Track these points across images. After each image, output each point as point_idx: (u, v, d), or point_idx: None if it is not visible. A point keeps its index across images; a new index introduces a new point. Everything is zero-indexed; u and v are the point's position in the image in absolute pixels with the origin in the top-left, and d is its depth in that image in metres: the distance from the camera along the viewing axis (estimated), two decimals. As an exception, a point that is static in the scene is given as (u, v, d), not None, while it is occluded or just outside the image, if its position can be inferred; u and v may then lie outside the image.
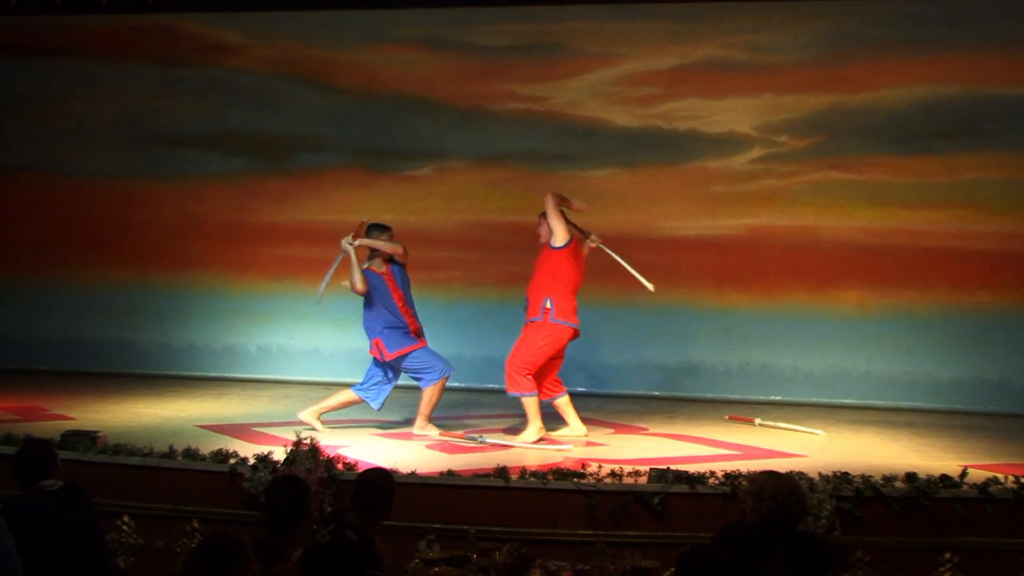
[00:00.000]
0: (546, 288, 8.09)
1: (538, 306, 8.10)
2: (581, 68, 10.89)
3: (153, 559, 6.64)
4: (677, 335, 10.64)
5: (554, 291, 8.07)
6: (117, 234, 11.57)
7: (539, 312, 8.08)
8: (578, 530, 6.24)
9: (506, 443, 7.98)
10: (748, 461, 7.18)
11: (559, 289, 8.08)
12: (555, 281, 8.09)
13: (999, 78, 10.08)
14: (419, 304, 11.07)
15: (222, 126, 11.55)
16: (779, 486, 4.78)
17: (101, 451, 6.95)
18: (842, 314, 10.35)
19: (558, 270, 8.11)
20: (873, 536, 6.24)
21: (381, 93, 11.22)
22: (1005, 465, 7.11)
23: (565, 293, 8.11)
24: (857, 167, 10.40)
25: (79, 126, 11.76)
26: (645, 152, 10.79)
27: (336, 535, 4.83)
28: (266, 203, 11.33)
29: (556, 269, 8.12)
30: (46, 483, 4.96)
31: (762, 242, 10.54)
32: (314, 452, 6.56)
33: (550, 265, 8.14)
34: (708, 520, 6.08)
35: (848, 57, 10.39)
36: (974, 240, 10.13)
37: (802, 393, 10.27)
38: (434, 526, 6.15)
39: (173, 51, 11.60)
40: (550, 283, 8.10)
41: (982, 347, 10.03)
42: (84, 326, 11.48)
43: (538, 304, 8.10)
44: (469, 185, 11.10)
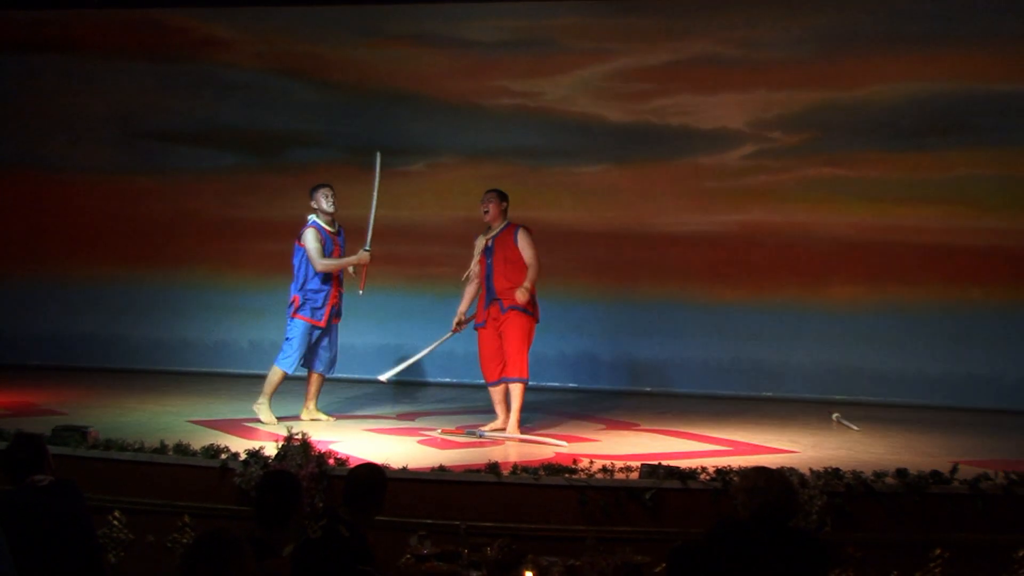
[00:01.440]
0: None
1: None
2: (573, 64, 10.89)
3: (144, 554, 6.62)
4: (669, 331, 10.64)
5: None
6: (109, 229, 11.55)
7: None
8: (570, 525, 6.24)
9: (510, 437, 7.99)
10: (739, 457, 7.18)
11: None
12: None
13: (991, 74, 10.09)
14: (411, 299, 11.14)
15: (214, 122, 11.53)
16: (770, 482, 4.78)
17: (92, 446, 6.94)
18: (834, 310, 10.36)
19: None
20: (864, 532, 6.24)
21: (373, 89, 11.21)
22: (996, 461, 7.12)
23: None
24: (849, 163, 10.41)
25: (70, 122, 11.73)
26: (637, 148, 10.80)
27: (327, 530, 4.82)
28: (258, 199, 11.32)
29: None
30: (37, 478, 4.94)
31: (754, 238, 10.54)
32: (305, 448, 6.56)
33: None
34: (699, 516, 6.09)
35: (841, 53, 10.39)
36: (966, 236, 10.14)
37: (793, 389, 10.28)
38: (425, 521, 6.13)
39: (165, 46, 11.57)
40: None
41: (973, 343, 10.04)
42: (76, 321, 11.45)
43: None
44: (461, 181, 11.08)
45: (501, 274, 8.18)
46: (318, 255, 8.39)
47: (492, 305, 8.21)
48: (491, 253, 8.26)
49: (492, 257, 8.25)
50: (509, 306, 8.12)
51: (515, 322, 8.13)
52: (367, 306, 11.04)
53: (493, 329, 8.22)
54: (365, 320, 11.04)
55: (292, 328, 8.49)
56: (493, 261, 8.24)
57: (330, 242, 8.51)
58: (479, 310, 8.32)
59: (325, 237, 8.47)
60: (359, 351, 11.06)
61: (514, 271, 8.16)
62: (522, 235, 8.24)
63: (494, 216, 8.33)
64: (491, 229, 8.35)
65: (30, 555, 4.73)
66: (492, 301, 8.21)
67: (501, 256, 8.22)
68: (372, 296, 11.06)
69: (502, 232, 8.31)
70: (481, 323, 8.29)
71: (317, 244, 8.40)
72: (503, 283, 8.16)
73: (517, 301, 8.06)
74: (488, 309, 8.24)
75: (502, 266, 8.20)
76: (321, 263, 8.40)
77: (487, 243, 8.31)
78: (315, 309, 8.48)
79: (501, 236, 8.29)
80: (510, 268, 8.17)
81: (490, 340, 8.25)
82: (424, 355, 8.83)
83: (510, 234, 8.27)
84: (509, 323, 8.14)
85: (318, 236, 8.43)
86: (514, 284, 8.10)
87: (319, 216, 8.52)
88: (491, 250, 8.27)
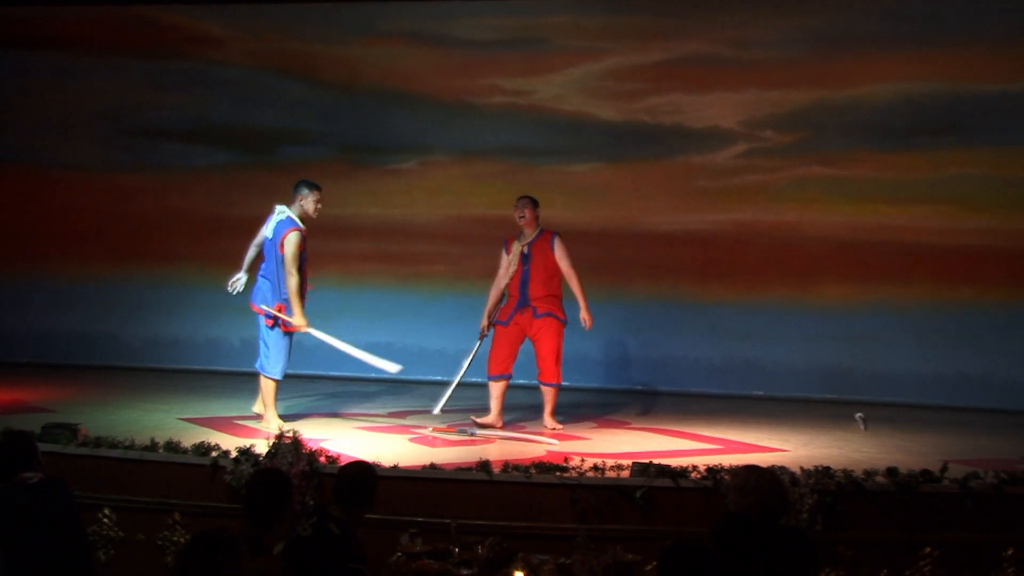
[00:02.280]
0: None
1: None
2: (566, 62, 10.89)
3: (134, 552, 6.61)
4: (661, 329, 10.65)
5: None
6: (100, 227, 11.52)
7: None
8: (561, 524, 6.23)
9: (501, 435, 8.00)
10: (730, 455, 7.19)
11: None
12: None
13: (982, 75, 10.11)
14: (403, 297, 11.13)
15: (206, 119, 11.51)
16: (761, 480, 4.78)
17: (82, 443, 6.93)
18: (825, 309, 10.38)
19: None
20: (855, 531, 6.26)
21: (365, 87, 11.20)
22: (986, 460, 7.14)
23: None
24: (841, 163, 10.43)
25: (62, 119, 11.70)
26: (630, 147, 10.80)
27: (318, 528, 4.82)
28: (250, 196, 11.25)
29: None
30: (26, 475, 4.93)
31: (746, 237, 10.55)
32: (296, 445, 6.55)
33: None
34: (690, 514, 6.10)
35: (833, 53, 10.41)
36: (957, 236, 10.16)
37: (785, 388, 10.29)
38: (416, 519, 6.12)
39: (157, 43, 11.55)
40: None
41: (964, 342, 10.07)
42: (66, 319, 11.43)
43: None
44: (453, 179, 11.09)
45: (539, 281, 8.34)
46: (295, 262, 7.88)
47: (524, 310, 8.36)
48: (528, 259, 8.39)
49: (530, 264, 8.38)
50: (544, 312, 8.29)
51: (553, 328, 8.34)
52: (358, 304, 11.09)
53: (516, 330, 8.39)
54: (356, 318, 11.05)
55: (274, 335, 8.01)
56: (531, 268, 8.37)
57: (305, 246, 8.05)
58: (507, 309, 8.44)
59: (303, 242, 7.96)
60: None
61: (550, 278, 8.36)
62: (559, 244, 8.40)
63: (530, 222, 8.45)
64: (525, 235, 8.47)
65: (20, 553, 4.72)
66: (525, 307, 8.35)
67: (540, 263, 8.37)
68: (363, 294, 11.12)
69: (538, 238, 8.45)
70: (504, 321, 8.42)
71: (297, 251, 7.88)
72: (539, 290, 8.33)
73: (586, 324, 8.35)
74: (518, 314, 8.37)
75: (541, 273, 8.35)
76: (295, 275, 7.87)
77: (523, 249, 8.41)
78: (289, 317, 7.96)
79: (538, 242, 8.44)
80: (547, 276, 8.36)
81: (509, 338, 8.39)
82: (464, 372, 8.77)
83: (547, 241, 8.43)
84: (546, 329, 8.32)
85: (301, 242, 7.91)
86: (549, 291, 8.32)
87: (292, 212, 8.02)
88: (528, 256, 8.39)
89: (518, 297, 8.38)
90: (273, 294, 7.99)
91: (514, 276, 8.41)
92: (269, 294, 7.99)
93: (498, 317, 8.48)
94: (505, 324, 8.40)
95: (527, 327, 8.37)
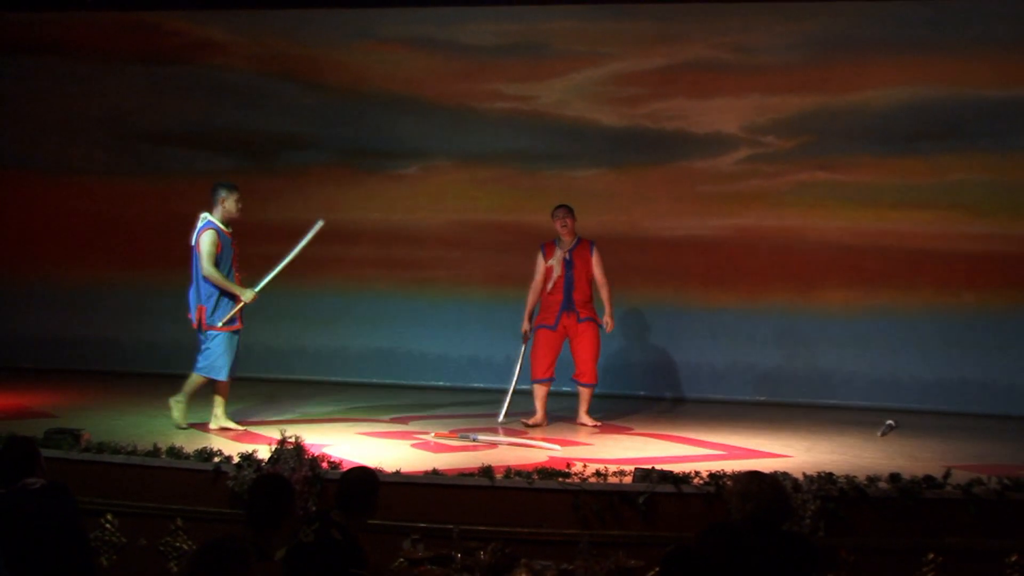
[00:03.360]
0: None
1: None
2: (568, 68, 10.89)
3: (137, 558, 6.62)
4: (663, 335, 10.65)
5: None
6: (102, 232, 11.52)
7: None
8: (563, 529, 6.23)
9: (503, 441, 8.01)
10: (733, 461, 7.18)
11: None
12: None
13: (984, 80, 10.10)
14: (405, 303, 11.13)
15: (208, 124, 11.51)
16: (763, 486, 4.79)
17: (85, 449, 6.93)
18: (828, 314, 10.37)
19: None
20: (857, 536, 6.25)
21: (368, 92, 11.20)
22: (989, 466, 7.12)
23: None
24: (843, 168, 10.42)
25: (64, 124, 11.70)
26: (632, 152, 10.80)
27: (320, 534, 4.82)
28: (252, 202, 11.12)
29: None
30: (29, 481, 4.94)
31: (749, 242, 10.55)
32: (299, 451, 6.55)
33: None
34: (693, 520, 6.09)
35: (834, 58, 10.41)
36: (959, 241, 10.15)
37: (788, 394, 10.28)
38: (419, 525, 6.14)
39: (159, 49, 11.56)
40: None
41: (967, 348, 10.05)
42: (69, 324, 11.42)
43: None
44: (455, 184, 11.09)
45: (582, 286, 8.85)
46: (211, 259, 8.04)
47: (569, 314, 8.82)
48: (571, 266, 8.86)
49: (573, 270, 8.85)
50: (586, 317, 8.81)
51: (593, 332, 8.85)
52: (360, 309, 11.09)
53: (562, 334, 8.85)
54: (358, 323, 11.06)
55: (212, 339, 8.15)
56: (574, 274, 8.85)
57: (229, 245, 8.19)
58: (549, 315, 8.86)
59: (223, 240, 8.14)
60: (352, 354, 11.08)
61: (590, 283, 8.89)
62: (596, 252, 8.92)
63: (573, 230, 8.90)
64: (565, 242, 8.91)
65: (22, 558, 4.73)
66: (570, 310, 8.82)
67: (582, 270, 8.87)
68: (365, 299, 11.12)
69: (578, 246, 8.91)
70: (552, 325, 8.82)
71: (213, 248, 8.05)
72: (583, 295, 8.84)
73: (608, 328, 8.86)
74: (563, 317, 8.82)
75: (584, 279, 8.86)
76: (210, 269, 8.03)
77: (565, 256, 8.85)
78: (233, 313, 8.12)
79: (578, 250, 8.90)
80: (588, 281, 8.88)
81: (554, 343, 8.86)
82: (518, 378, 9.08)
83: (587, 248, 8.92)
84: (586, 333, 8.83)
85: (215, 241, 8.06)
86: (588, 296, 8.86)
87: (214, 215, 8.18)
88: (571, 263, 8.86)
89: (562, 301, 8.82)
90: (194, 298, 8.20)
91: (558, 281, 8.84)
92: (192, 298, 8.22)
93: (545, 322, 8.86)
94: (554, 328, 8.83)
95: (569, 330, 8.83)
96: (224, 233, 8.17)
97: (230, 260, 8.21)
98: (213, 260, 8.08)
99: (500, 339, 10.31)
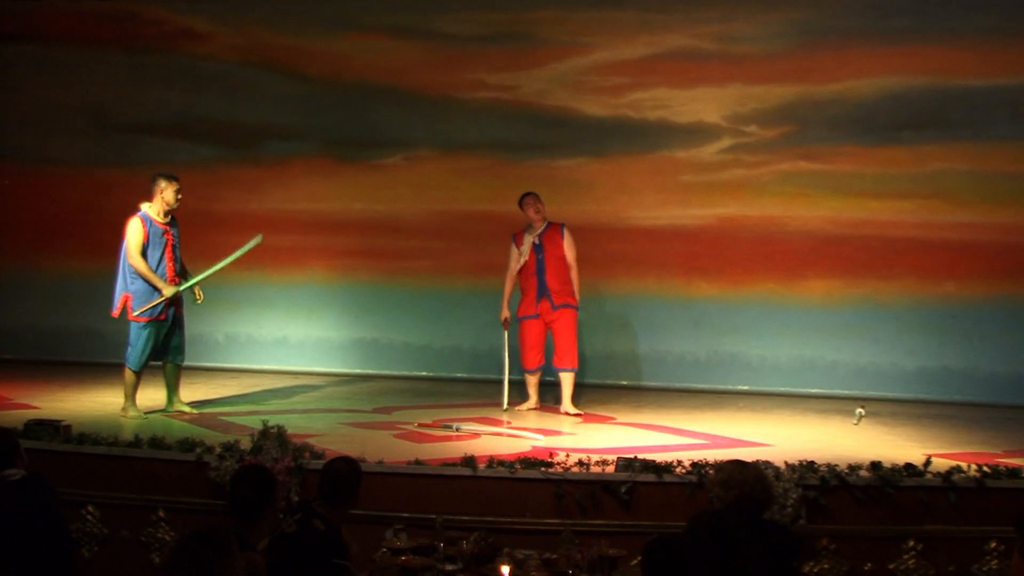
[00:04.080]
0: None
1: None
2: (550, 57, 10.87)
3: (118, 549, 6.60)
4: (645, 324, 10.66)
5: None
6: (82, 222, 11.44)
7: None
8: (545, 519, 6.25)
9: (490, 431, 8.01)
10: (715, 450, 7.20)
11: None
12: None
13: (966, 70, 10.12)
14: (388, 293, 11.11)
15: (189, 114, 11.45)
16: (745, 475, 4.80)
17: (65, 440, 6.90)
18: (810, 304, 10.39)
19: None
20: (838, 524, 6.28)
21: (349, 81, 11.16)
22: (968, 454, 7.18)
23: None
24: (825, 157, 10.43)
25: (43, 113, 11.63)
26: (614, 141, 10.79)
27: (302, 524, 4.81)
28: (234, 191, 11.25)
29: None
30: (8, 472, 4.91)
31: (731, 232, 10.56)
32: (281, 441, 6.55)
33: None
34: (675, 509, 6.11)
35: (817, 48, 10.41)
36: (940, 230, 10.18)
37: (770, 383, 10.31)
38: (401, 515, 6.13)
39: (139, 38, 11.48)
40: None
41: (948, 337, 10.09)
42: (49, 315, 11.37)
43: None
44: (438, 174, 11.06)
45: (553, 270, 8.88)
46: (136, 248, 8.13)
47: (543, 300, 8.89)
48: (541, 250, 8.89)
49: (543, 253, 8.91)
50: (561, 304, 8.83)
51: (569, 317, 8.91)
52: (343, 299, 11.07)
53: (542, 321, 8.92)
54: (341, 314, 11.04)
55: (133, 330, 8.27)
56: (545, 257, 8.89)
57: (160, 233, 8.25)
58: (528, 302, 8.93)
59: (151, 230, 8.19)
60: (335, 344, 11.06)
61: (562, 268, 8.91)
62: (568, 234, 8.97)
63: (540, 216, 8.95)
64: (535, 227, 8.93)
65: (1, 550, 4.70)
66: (543, 296, 8.89)
67: (552, 254, 8.90)
68: (348, 290, 11.10)
69: (548, 230, 8.97)
70: (534, 315, 8.89)
71: (138, 237, 8.14)
72: (555, 279, 8.86)
73: (572, 303, 8.88)
74: (539, 303, 8.89)
75: (554, 263, 8.89)
76: (136, 259, 8.15)
77: (535, 240, 8.87)
78: (151, 304, 8.22)
79: (548, 233, 8.96)
80: (560, 265, 8.91)
81: (538, 331, 8.95)
82: (508, 366, 9.11)
83: (557, 232, 8.98)
84: (563, 318, 8.89)
85: (140, 229, 8.15)
86: (562, 281, 8.87)
87: (152, 207, 8.24)
88: (540, 247, 8.89)
89: (536, 287, 8.86)
90: (119, 287, 8.30)
91: (527, 266, 8.88)
92: (117, 287, 8.32)
93: (527, 312, 8.93)
94: (536, 318, 8.91)
95: (546, 316, 8.90)
96: (155, 223, 8.21)
97: (160, 250, 8.25)
98: (139, 249, 8.15)
99: (483, 329, 10.32)
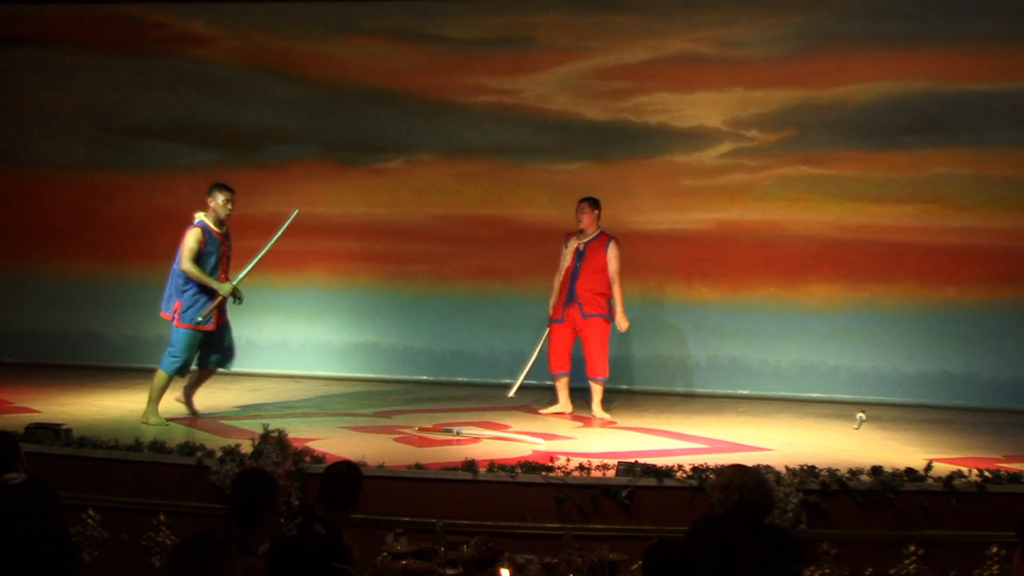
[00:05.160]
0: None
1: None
2: (551, 61, 10.88)
3: (119, 553, 6.59)
4: (646, 329, 10.64)
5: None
6: (84, 226, 11.47)
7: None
8: (546, 523, 6.24)
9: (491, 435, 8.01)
10: (716, 455, 7.19)
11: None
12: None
13: (967, 74, 10.14)
14: (388, 297, 11.11)
15: (190, 118, 11.47)
16: (745, 479, 4.80)
17: (66, 443, 6.90)
18: (810, 308, 10.40)
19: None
20: (839, 529, 6.28)
21: (350, 85, 11.17)
22: (969, 459, 7.17)
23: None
24: (826, 162, 10.44)
25: (45, 117, 11.64)
26: (615, 146, 10.80)
27: (303, 528, 4.80)
28: (235, 195, 11.23)
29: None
30: (8, 476, 4.91)
31: (731, 236, 10.57)
32: (282, 445, 6.54)
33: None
34: (676, 513, 6.11)
35: (817, 52, 10.43)
36: (941, 235, 10.19)
37: (770, 387, 10.31)
38: (402, 519, 6.13)
39: (141, 41, 11.50)
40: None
41: (948, 341, 10.09)
42: (50, 318, 11.37)
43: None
44: (439, 178, 11.07)
45: (586, 279, 8.84)
46: (191, 255, 8.08)
47: (572, 306, 8.88)
48: (581, 257, 8.93)
49: (582, 261, 8.91)
50: (590, 313, 8.79)
51: (598, 327, 8.88)
52: (344, 303, 11.07)
53: (569, 327, 8.92)
54: (342, 318, 11.04)
55: (179, 337, 8.21)
56: (582, 265, 8.90)
57: (217, 244, 8.23)
58: (558, 306, 8.96)
59: (209, 239, 8.17)
60: (336, 348, 11.06)
61: (597, 280, 8.85)
62: (612, 248, 8.91)
63: (588, 224, 8.94)
64: (584, 234, 8.98)
65: (1, 553, 4.70)
66: (572, 302, 8.88)
67: (591, 263, 8.88)
68: (348, 293, 11.10)
69: (595, 239, 8.97)
70: (559, 319, 8.91)
71: (195, 245, 8.10)
72: (586, 287, 8.82)
73: (621, 327, 8.90)
74: (567, 309, 8.89)
75: (589, 273, 8.86)
76: (189, 264, 8.09)
77: (579, 247, 8.90)
78: (202, 313, 8.16)
79: (594, 243, 8.96)
80: (595, 277, 8.85)
81: (564, 336, 8.95)
82: (535, 358, 9.17)
83: (602, 244, 8.95)
84: (592, 328, 8.87)
85: (199, 239, 8.11)
86: (594, 291, 8.83)
87: (208, 216, 8.23)
88: (582, 254, 8.95)
89: (567, 292, 8.87)
90: (173, 294, 8.25)
91: (566, 270, 8.91)
92: (172, 294, 8.27)
93: (554, 316, 8.96)
94: (562, 321, 8.92)
95: (576, 324, 8.89)
96: (213, 233, 8.20)
97: (215, 260, 8.22)
98: (193, 256, 8.10)
99: (484, 333, 10.33)
